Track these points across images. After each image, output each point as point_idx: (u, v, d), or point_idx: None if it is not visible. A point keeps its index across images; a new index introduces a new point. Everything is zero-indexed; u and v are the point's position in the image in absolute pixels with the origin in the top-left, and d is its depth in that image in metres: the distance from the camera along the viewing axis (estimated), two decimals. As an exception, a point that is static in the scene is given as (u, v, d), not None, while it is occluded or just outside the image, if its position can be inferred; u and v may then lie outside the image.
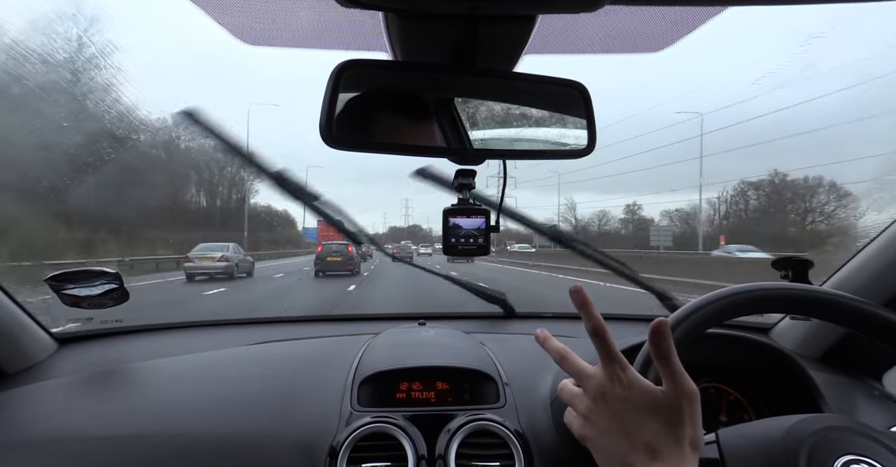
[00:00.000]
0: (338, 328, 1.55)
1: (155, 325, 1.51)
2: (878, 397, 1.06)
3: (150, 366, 1.16)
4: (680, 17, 0.69)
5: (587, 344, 0.52)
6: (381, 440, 0.90)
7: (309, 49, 0.82)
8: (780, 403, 0.97)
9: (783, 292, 0.67)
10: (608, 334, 0.57)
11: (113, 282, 1.20)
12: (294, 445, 0.92)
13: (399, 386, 1.02)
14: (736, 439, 0.63)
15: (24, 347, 1.16)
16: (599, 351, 0.57)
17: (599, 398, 0.56)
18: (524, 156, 0.81)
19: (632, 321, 1.61)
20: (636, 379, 0.55)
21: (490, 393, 1.02)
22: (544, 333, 0.63)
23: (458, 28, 0.67)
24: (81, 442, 0.91)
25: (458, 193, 0.84)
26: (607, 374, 0.56)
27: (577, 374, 0.59)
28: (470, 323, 1.58)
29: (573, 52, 0.81)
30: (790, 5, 0.61)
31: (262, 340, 1.33)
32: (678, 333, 0.65)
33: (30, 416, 0.97)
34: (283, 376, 1.10)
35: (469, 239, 0.83)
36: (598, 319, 0.57)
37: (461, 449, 0.89)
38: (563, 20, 0.69)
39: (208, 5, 0.67)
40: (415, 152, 0.76)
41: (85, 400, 1.03)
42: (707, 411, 1.03)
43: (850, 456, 0.57)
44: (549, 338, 0.63)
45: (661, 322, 0.53)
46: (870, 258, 1.10)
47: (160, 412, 0.99)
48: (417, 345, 1.20)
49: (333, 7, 0.57)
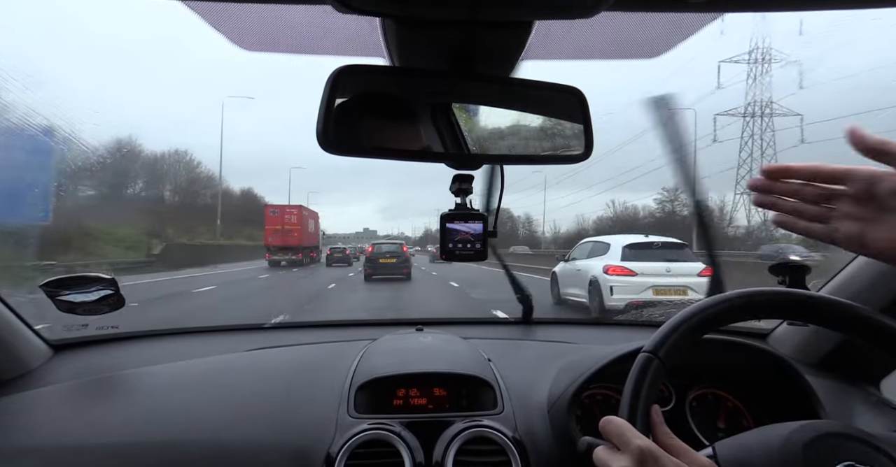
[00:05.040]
0: (334, 334, 1.55)
1: (150, 332, 1.50)
2: (875, 403, 1.06)
3: (146, 373, 1.15)
4: (677, 22, 0.70)
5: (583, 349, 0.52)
6: (378, 447, 0.89)
7: (306, 55, 0.82)
8: (777, 409, 0.97)
9: (780, 297, 0.67)
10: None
11: (109, 287, 1.19)
12: (290, 452, 0.91)
13: (396, 393, 1.01)
14: (733, 451, 0.62)
15: (18, 354, 1.15)
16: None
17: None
18: (521, 161, 0.82)
19: (625, 327, 1.61)
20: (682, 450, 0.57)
21: (488, 399, 1.01)
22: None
23: (456, 34, 0.67)
24: (75, 451, 0.90)
25: (456, 198, 0.84)
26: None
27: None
28: (468, 328, 1.58)
29: (570, 57, 0.82)
30: (786, 11, 0.62)
31: (258, 346, 1.33)
32: (673, 340, 0.65)
33: (24, 424, 0.96)
34: (279, 382, 1.09)
35: (467, 244, 0.83)
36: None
37: (458, 457, 0.89)
38: (560, 26, 0.70)
39: (206, 12, 0.67)
40: (412, 157, 0.76)
41: (79, 408, 1.02)
42: (705, 418, 1.03)
43: (848, 462, 0.56)
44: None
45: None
46: (867, 263, 1.10)
47: (155, 419, 0.98)
48: (415, 351, 1.19)
49: (331, 13, 0.57)
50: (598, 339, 1.46)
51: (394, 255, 14.01)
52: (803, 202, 0.61)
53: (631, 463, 0.55)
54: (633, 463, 0.55)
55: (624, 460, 0.56)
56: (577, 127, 0.78)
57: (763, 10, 0.60)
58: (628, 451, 0.56)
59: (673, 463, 0.55)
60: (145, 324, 1.50)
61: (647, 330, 1.49)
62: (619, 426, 0.59)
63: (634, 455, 0.55)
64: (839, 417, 0.93)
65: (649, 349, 0.65)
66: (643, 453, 0.55)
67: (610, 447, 0.59)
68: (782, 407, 0.96)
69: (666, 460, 0.55)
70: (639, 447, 0.55)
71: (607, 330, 1.63)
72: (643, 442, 0.56)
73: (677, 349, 0.65)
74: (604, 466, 0.58)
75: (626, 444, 0.56)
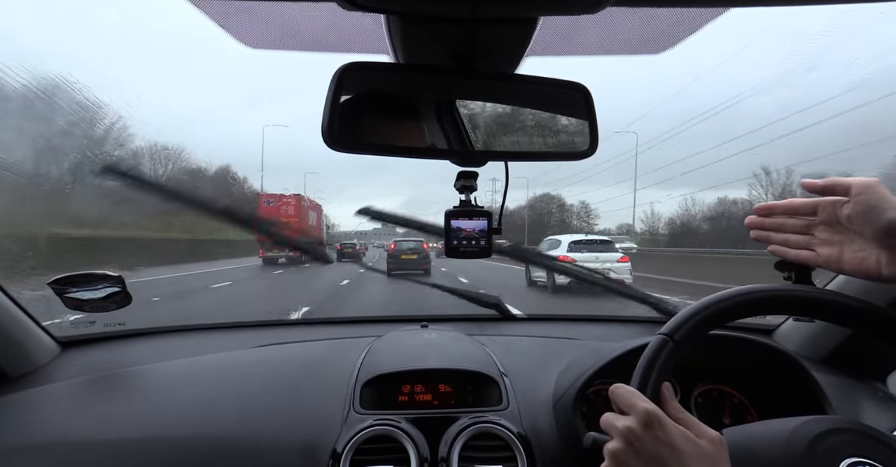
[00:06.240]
0: (340, 330, 1.56)
1: (157, 328, 1.51)
2: (882, 398, 1.06)
3: (153, 370, 1.16)
4: (682, 18, 0.69)
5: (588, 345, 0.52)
6: (383, 443, 0.90)
7: (311, 52, 0.82)
8: (783, 405, 0.97)
9: (786, 294, 0.67)
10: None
11: (116, 285, 1.20)
12: (296, 448, 0.92)
13: (401, 389, 1.01)
14: (740, 439, 0.63)
15: (27, 351, 1.16)
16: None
17: (644, 428, 0.55)
18: (526, 157, 0.81)
19: (631, 323, 1.61)
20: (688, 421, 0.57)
21: (493, 395, 1.02)
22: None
23: (460, 30, 0.67)
24: (84, 447, 0.91)
25: (460, 195, 0.84)
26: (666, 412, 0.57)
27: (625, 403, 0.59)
28: (472, 325, 1.58)
29: (574, 53, 0.81)
30: (793, 6, 0.61)
31: (265, 343, 1.34)
32: (689, 326, 0.65)
33: (33, 420, 0.97)
34: (285, 379, 1.10)
35: (471, 241, 0.83)
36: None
37: (464, 452, 0.89)
38: (564, 22, 0.69)
39: (211, 9, 0.67)
40: (416, 154, 0.76)
41: (88, 404, 1.03)
42: (710, 413, 1.03)
43: (854, 458, 0.56)
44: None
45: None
46: None
47: (163, 415, 0.99)
48: (420, 348, 1.19)
49: (335, 10, 0.57)
50: (603, 336, 1.46)
51: (415, 252, 14.42)
52: (792, 232, 0.70)
53: (636, 424, 0.55)
54: (637, 424, 0.55)
55: (629, 420, 0.56)
56: (582, 123, 0.78)
57: (769, 4, 0.60)
58: (634, 413, 0.56)
59: (678, 430, 0.55)
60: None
61: (653, 326, 1.48)
62: (627, 390, 0.59)
63: (640, 416, 0.55)
64: (845, 413, 0.93)
65: (666, 331, 0.65)
66: (648, 415, 0.55)
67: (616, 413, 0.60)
68: (788, 402, 0.96)
69: (670, 425, 0.55)
70: (644, 409, 0.55)
71: (612, 326, 1.63)
72: (649, 405, 0.56)
73: (693, 335, 0.65)
74: (609, 427, 0.58)
75: (633, 407, 0.56)
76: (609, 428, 0.58)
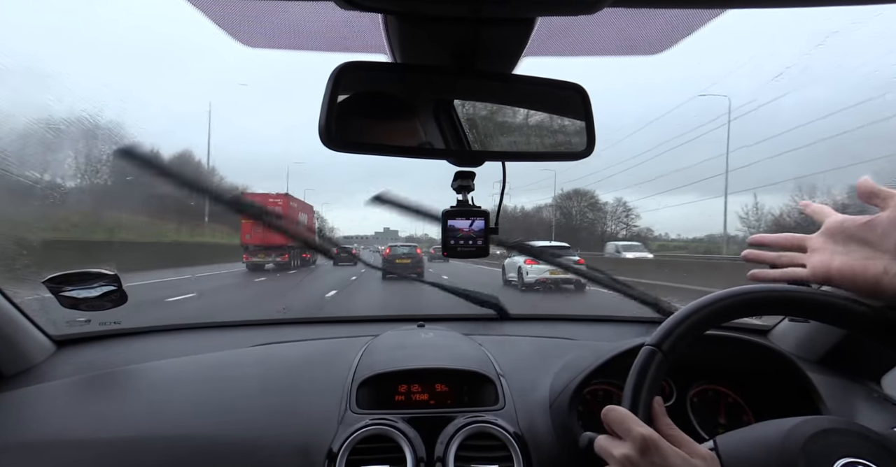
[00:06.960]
0: (337, 330, 1.55)
1: (153, 327, 1.50)
2: (876, 399, 1.06)
3: (149, 368, 1.16)
4: (679, 19, 0.69)
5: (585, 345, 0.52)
6: (379, 442, 0.90)
7: (308, 51, 0.82)
8: (779, 405, 0.97)
9: (781, 294, 0.67)
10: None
11: (111, 283, 1.19)
12: (292, 447, 0.92)
13: (398, 389, 1.01)
14: (734, 444, 0.63)
15: (22, 349, 1.15)
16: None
17: (641, 454, 0.55)
18: (523, 157, 0.81)
19: (626, 323, 1.61)
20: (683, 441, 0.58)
21: (489, 395, 1.02)
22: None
23: (458, 30, 0.67)
24: (79, 445, 0.91)
25: (458, 195, 0.84)
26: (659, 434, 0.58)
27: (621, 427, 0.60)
28: (469, 324, 1.58)
29: (572, 54, 0.81)
30: (790, 7, 0.61)
31: (261, 342, 1.33)
32: (677, 334, 0.65)
33: (28, 419, 0.97)
34: (281, 378, 1.10)
35: (468, 240, 0.83)
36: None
37: (460, 452, 0.89)
38: (562, 22, 0.69)
39: (207, 7, 0.67)
40: (414, 154, 0.76)
41: (83, 403, 1.03)
42: (706, 414, 1.03)
43: (849, 458, 0.57)
44: None
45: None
46: None
47: (158, 414, 0.98)
48: (416, 347, 1.19)
49: (332, 9, 0.57)
50: (599, 336, 1.46)
51: (408, 256, 15.03)
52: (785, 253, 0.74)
53: (632, 450, 0.55)
54: (634, 451, 0.55)
55: (625, 447, 0.56)
56: (580, 123, 0.78)
57: (766, 6, 0.60)
58: (629, 438, 0.56)
59: (673, 452, 0.55)
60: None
61: (650, 326, 1.49)
62: (620, 414, 0.59)
63: (636, 442, 0.55)
64: (840, 413, 0.93)
65: (653, 342, 0.65)
66: (644, 441, 0.55)
67: (611, 436, 0.60)
68: (783, 403, 0.96)
69: (667, 448, 0.55)
70: (640, 434, 0.55)
71: (608, 326, 1.63)
72: (645, 430, 0.56)
73: (681, 343, 0.65)
74: (605, 454, 0.58)
75: (628, 432, 0.56)
76: (605, 455, 0.58)
